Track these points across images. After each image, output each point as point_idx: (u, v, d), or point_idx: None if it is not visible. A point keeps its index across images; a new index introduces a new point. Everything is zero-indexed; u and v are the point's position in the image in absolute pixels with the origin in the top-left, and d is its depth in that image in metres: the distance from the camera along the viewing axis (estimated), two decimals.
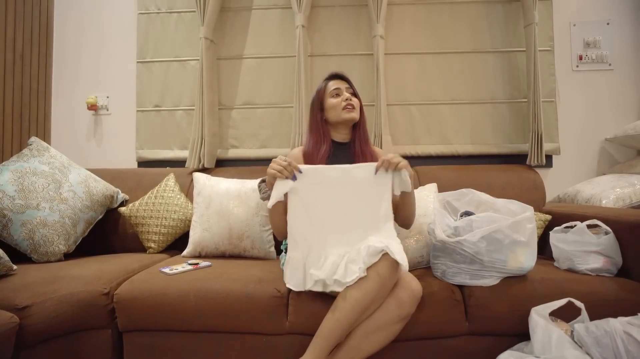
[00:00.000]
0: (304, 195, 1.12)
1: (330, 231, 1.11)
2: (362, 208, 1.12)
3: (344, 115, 1.30)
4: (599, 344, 0.95)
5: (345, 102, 1.30)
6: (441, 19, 1.99)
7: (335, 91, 1.32)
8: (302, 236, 1.12)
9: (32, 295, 1.08)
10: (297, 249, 1.12)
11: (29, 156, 1.54)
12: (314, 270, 1.07)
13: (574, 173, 1.95)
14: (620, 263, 1.22)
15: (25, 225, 1.40)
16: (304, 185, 1.12)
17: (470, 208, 1.32)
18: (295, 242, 1.12)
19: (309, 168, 1.14)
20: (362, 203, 1.12)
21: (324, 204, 1.12)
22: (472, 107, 1.98)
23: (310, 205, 1.12)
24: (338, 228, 1.11)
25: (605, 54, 1.97)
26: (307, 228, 1.12)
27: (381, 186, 1.12)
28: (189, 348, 1.18)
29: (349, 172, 1.13)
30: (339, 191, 1.12)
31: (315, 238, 1.11)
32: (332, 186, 1.12)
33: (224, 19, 2.03)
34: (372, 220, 1.12)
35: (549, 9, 1.96)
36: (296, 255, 1.12)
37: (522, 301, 1.12)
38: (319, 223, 1.11)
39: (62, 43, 2.14)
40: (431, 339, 1.14)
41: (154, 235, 1.63)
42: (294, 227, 1.13)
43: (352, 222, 1.12)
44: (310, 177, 1.12)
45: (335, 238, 1.11)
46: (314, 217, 1.11)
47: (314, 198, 1.12)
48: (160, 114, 2.06)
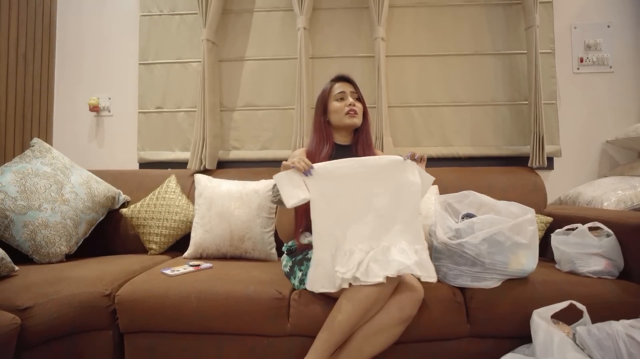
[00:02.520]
0: (325, 191, 1.08)
1: (356, 225, 1.07)
2: (390, 202, 1.08)
3: (346, 120, 1.30)
4: (601, 346, 0.95)
5: (349, 107, 1.29)
6: (442, 22, 2.00)
7: (340, 94, 1.32)
8: (329, 232, 1.07)
9: (34, 296, 1.08)
10: (325, 249, 1.07)
11: (31, 157, 1.55)
12: (339, 267, 1.03)
13: (575, 175, 1.95)
14: (621, 265, 1.22)
15: (27, 226, 1.40)
16: (323, 181, 1.09)
17: (472, 210, 1.32)
18: (323, 241, 1.08)
19: (324, 164, 1.12)
20: (390, 197, 1.08)
21: (347, 198, 1.08)
22: (473, 109, 1.98)
23: (333, 200, 1.08)
24: (365, 221, 1.07)
25: (606, 56, 1.97)
26: (333, 223, 1.08)
27: (408, 180, 1.08)
28: (190, 349, 1.18)
29: (364, 162, 1.10)
30: (361, 184, 1.08)
31: (342, 233, 1.07)
32: (356, 179, 1.08)
33: (226, 21, 2.04)
34: (400, 214, 1.08)
35: (549, 12, 1.96)
36: (324, 255, 1.07)
37: (523, 304, 1.12)
38: (344, 217, 1.07)
39: (65, 44, 2.14)
40: (432, 342, 1.14)
41: (155, 236, 1.63)
42: (320, 224, 1.08)
43: (379, 215, 1.07)
44: (328, 172, 1.10)
45: (362, 231, 1.07)
46: (338, 212, 1.08)
47: (336, 193, 1.08)
48: (162, 116, 2.07)
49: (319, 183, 1.09)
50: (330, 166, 1.11)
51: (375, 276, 0.98)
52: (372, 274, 0.99)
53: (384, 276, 0.97)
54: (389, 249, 1.03)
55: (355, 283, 1.00)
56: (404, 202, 1.08)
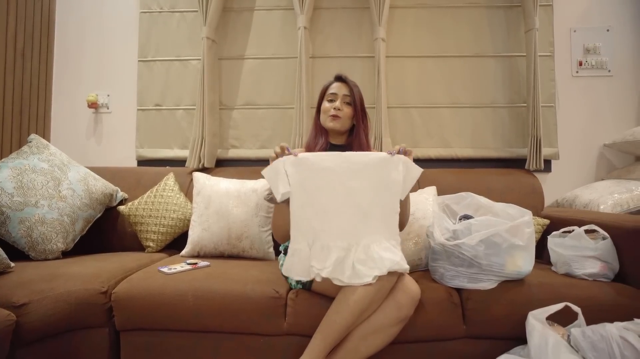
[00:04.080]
0: (306, 184, 1.07)
1: (335, 219, 1.06)
2: (370, 200, 1.07)
3: (327, 122, 1.30)
4: (595, 348, 0.95)
5: (333, 110, 1.28)
6: (442, 23, 2.00)
7: (331, 96, 1.31)
8: (307, 224, 1.07)
9: (30, 292, 1.07)
10: (303, 240, 1.06)
11: (28, 153, 1.54)
12: (315, 262, 1.03)
13: (572, 178, 1.96)
14: (617, 268, 1.22)
15: (24, 222, 1.39)
16: (305, 172, 1.08)
17: (469, 211, 1.33)
18: (301, 232, 1.07)
19: (307, 154, 1.11)
20: (371, 194, 1.07)
21: (327, 192, 1.07)
22: (472, 110, 1.98)
23: (313, 193, 1.07)
24: (343, 217, 1.06)
25: (604, 60, 1.98)
26: (312, 215, 1.06)
27: (390, 178, 1.08)
28: (187, 347, 1.17)
29: (349, 158, 1.09)
30: (342, 179, 1.07)
31: (320, 226, 1.06)
32: (338, 174, 1.07)
33: (226, 19, 2.03)
34: (379, 212, 1.07)
35: (549, 15, 1.97)
36: (301, 246, 1.06)
37: (519, 305, 1.12)
38: (323, 210, 1.06)
39: (64, 40, 2.14)
40: (428, 342, 1.15)
41: (153, 234, 1.63)
42: (299, 216, 1.07)
43: (358, 212, 1.06)
44: (311, 163, 1.08)
45: (340, 225, 1.06)
46: (317, 205, 1.07)
47: (316, 186, 1.07)
48: (161, 113, 2.06)
49: (300, 174, 1.07)
50: (312, 157, 1.09)
51: (365, 277, 0.98)
52: (361, 274, 0.99)
53: (373, 275, 0.98)
54: (369, 247, 1.03)
55: (335, 282, 1.01)
56: (384, 200, 1.07)
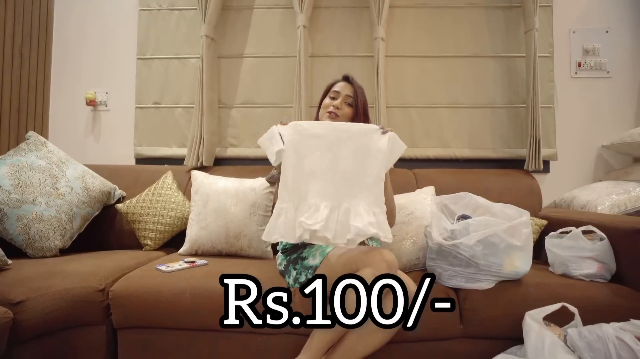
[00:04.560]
0: (297, 146, 1.14)
1: (321, 182, 1.11)
2: (354, 165, 1.12)
3: (324, 118, 1.32)
4: (591, 349, 0.96)
5: (332, 107, 1.31)
6: (442, 23, 2.00)
7: (334, 93, 1.34)
8: (296, 185, 1.12)
9: (27, 290, 1.07)
10: (289, 199, 1.11)
11: (26, 150, 1.54)
12: (305, 218, 1.05)
13: (570, 179, 1.96)
14: (614, 269, 1.23)
15: (21, 219, 1.39)
16: (297, 135, 1.15)
17: (467, 211, 1.33)
18: (288, 192, 1.11)
19: (301, 122, 1.19)
20: (355, 160, 1.12)
21: (316, 156, 1.13)
22: (471, 111, 1.98)
23: (303, 156, 1.13)
24: (328, 180, 1.11)
25: (603, 61, 1.98)
26: (300, 177, 1.12)
27: (375, 146, 1.13)
28: (184, 345, 1.17)
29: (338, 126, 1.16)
30: (330, 146, 1.13)
31: (306, 188, 1.11)
32: (327, 141, 1.13)
33: (225, 17, 2.03)
34: (363, 178, 1.11)
35: (549, 16, 1.97)
36: (288, 206, 1.10)
37: (516, 305, 1.12)
38: (311, 173, 1.12)
39: (62, 37, 2.13)
40: (426, 342, 1.15)
41: (151, 232, 1.63)
42: (289, 175, 1.13)
43: (343, 177, 1.11)
44: (303, 128, 1.16)
45: (325, 189, 1.10)
46: (306, 167, 1.13)
47: (308, 149, 1.14)
48: (160, 111, 2.06)
49: (293, 137, 1.15)
50: (305, 124, 1.17)
51: (339, 239, 1.03)
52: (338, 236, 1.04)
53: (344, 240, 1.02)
54: (349, 211, 1.07)
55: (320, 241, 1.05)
56: (368, 167, 1.12)
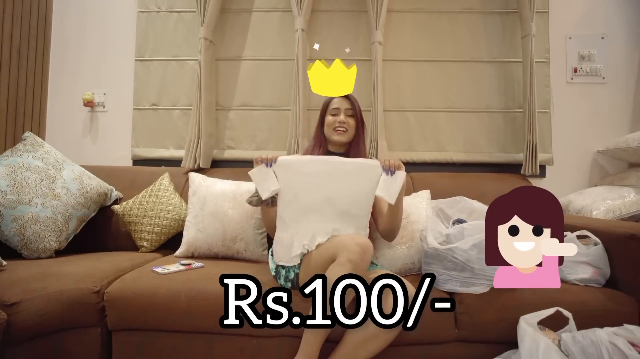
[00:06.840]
0: (291, 184, 1.21)
1: (315, 215, 1.19)
2: (345, 199, 1.20)
3: (333, 136, 1.40)
4: (585, 353, 0.96)
5: (338, 124, 1.38)
6: (440, 28, 2.01)
7: (334, 110, 1.40)
8: (292, 218, 1.21)
9: (21, 291, 1.07)
10: (286, 230, 1.21)
11: (22, 151, 1.53)
12: (306, 241, 1.16)
13: (566, 183, 1.97)
14: (608, 274, 1.24)
15: (17, 220, 1.39)
16: (289, 174, 1.21)
17: (463, 215, 1.34)
18: (285, 225, 1.22)
19: (289, 158, 1.24)
20: (345, 196, 1.20)
21: (310, 192, 1.20)
22: (467, 115, 2.00)
23: (298, 192, 1.21)
24: (322, 213, 1.19)
25: (599, 67, 2.00)
26: (296, 212, 1.21)
27: (365, 184, 1.20)
28: (179, 348, 1.17)
29: (330, 163, 1.22)
30: (322, 182, 1.20)
31: (303, 219, 1.20)
32: (316, 178, 1.20)
33: (224, 20, 2.04)
34: (353, 210, 1.21)
35: (545, 22, 1.99)
36: (285, 236, 1.21)
37: (511, 310, 1.13)
38: (305, 208, 1.20)
39: (60, 38, 2.13)
40: (421, 345, 1.15)
41: (147, 234, 1.63)
42: (284, 212, 1.22)
43: (335, 212, 1.19)
44: (294, 167, 1.22)
45: (320, 220, 1.19)
46: (301, 202, 1.20)
47: (300, 186, 1.21)
48: (157, 113, 2.06)
49: (286, 175, 1.21)
50: (295, 160, 1.23)
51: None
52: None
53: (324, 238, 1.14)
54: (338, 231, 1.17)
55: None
56: (359, 203, 1.21)
